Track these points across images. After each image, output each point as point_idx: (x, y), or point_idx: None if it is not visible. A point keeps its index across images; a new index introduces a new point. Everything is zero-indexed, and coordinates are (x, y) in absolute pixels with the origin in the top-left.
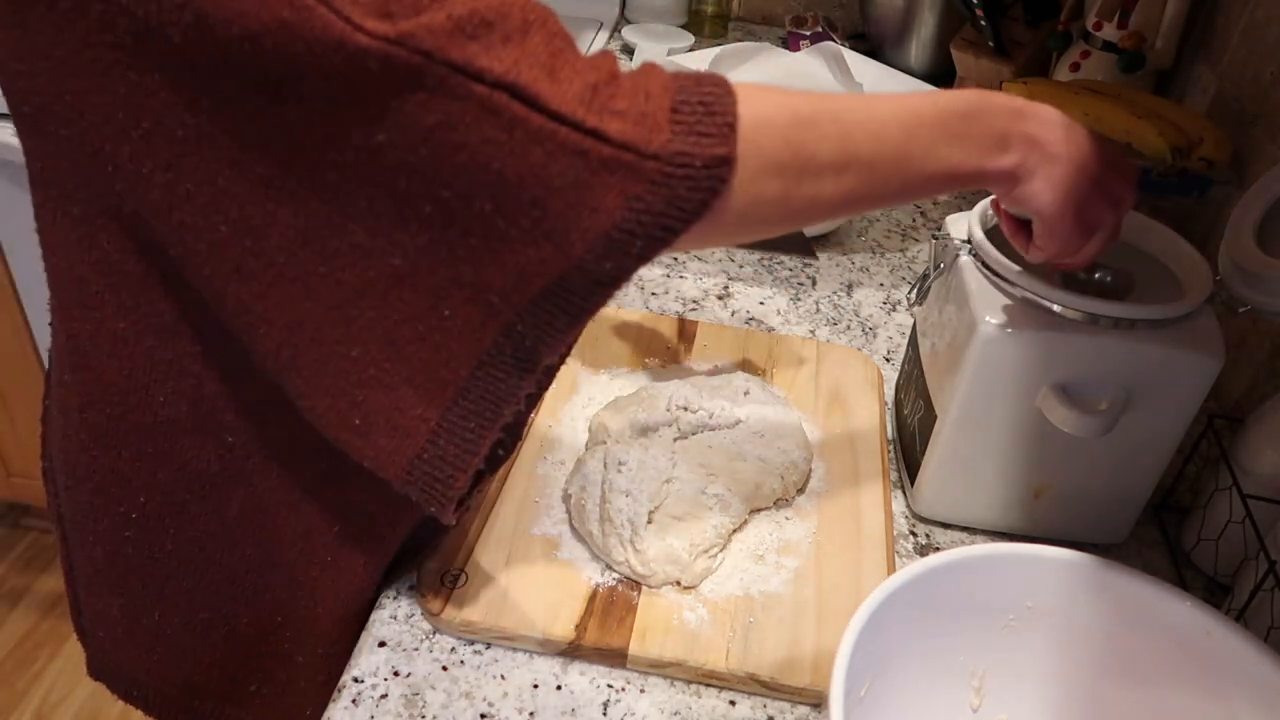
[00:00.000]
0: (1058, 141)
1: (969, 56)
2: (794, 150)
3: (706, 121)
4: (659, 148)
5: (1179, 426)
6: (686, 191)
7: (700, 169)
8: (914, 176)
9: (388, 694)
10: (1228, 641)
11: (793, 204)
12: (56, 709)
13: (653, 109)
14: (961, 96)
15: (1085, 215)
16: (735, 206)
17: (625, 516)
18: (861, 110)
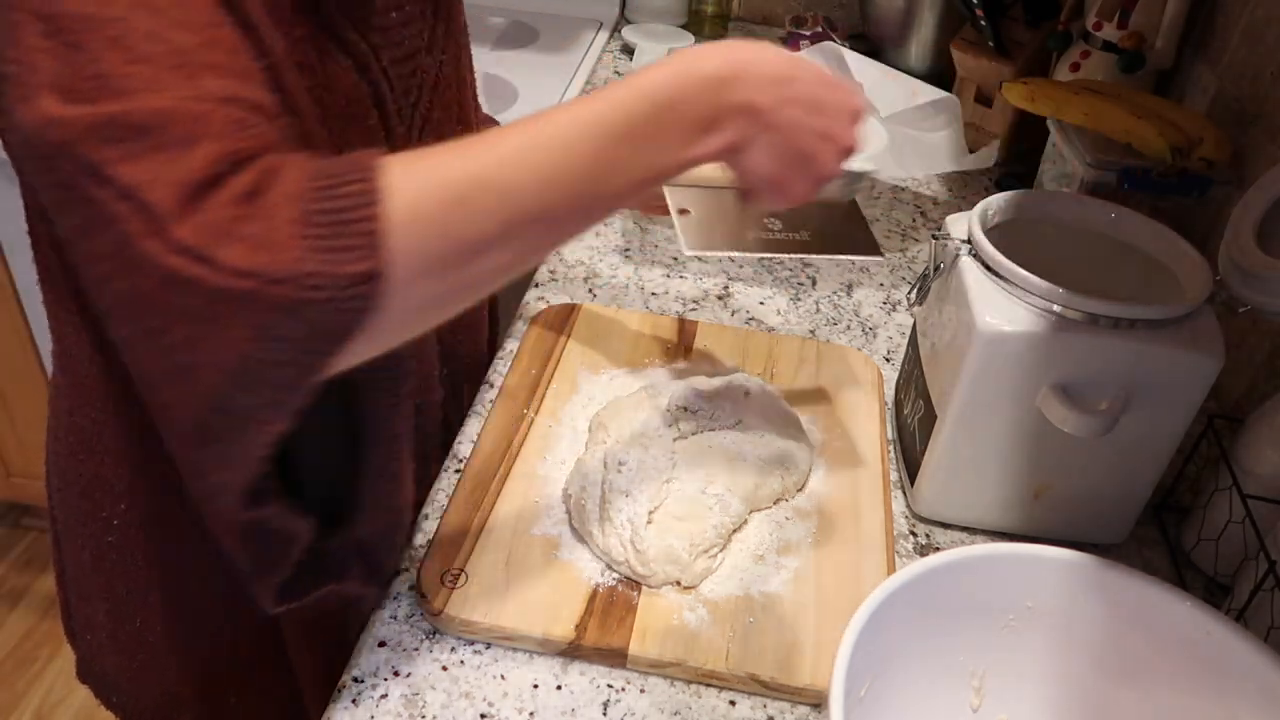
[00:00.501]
0: (773, 104)
1: (969, 56)
2: (453, 238)
3: (343, 233)
4: (286, 270)
5: (1179, 426)
6: (331, 313)
7: (341, 289)
8: (608, 197)
9: (388, 694)
10: (1228, 641)
11: (469, 286)
12: (56, 709)
13: (279, 226)
14: (653, 87)
15: (809, 171)
16: (397, 313)
17: (625, 516)
18: (532, 151)
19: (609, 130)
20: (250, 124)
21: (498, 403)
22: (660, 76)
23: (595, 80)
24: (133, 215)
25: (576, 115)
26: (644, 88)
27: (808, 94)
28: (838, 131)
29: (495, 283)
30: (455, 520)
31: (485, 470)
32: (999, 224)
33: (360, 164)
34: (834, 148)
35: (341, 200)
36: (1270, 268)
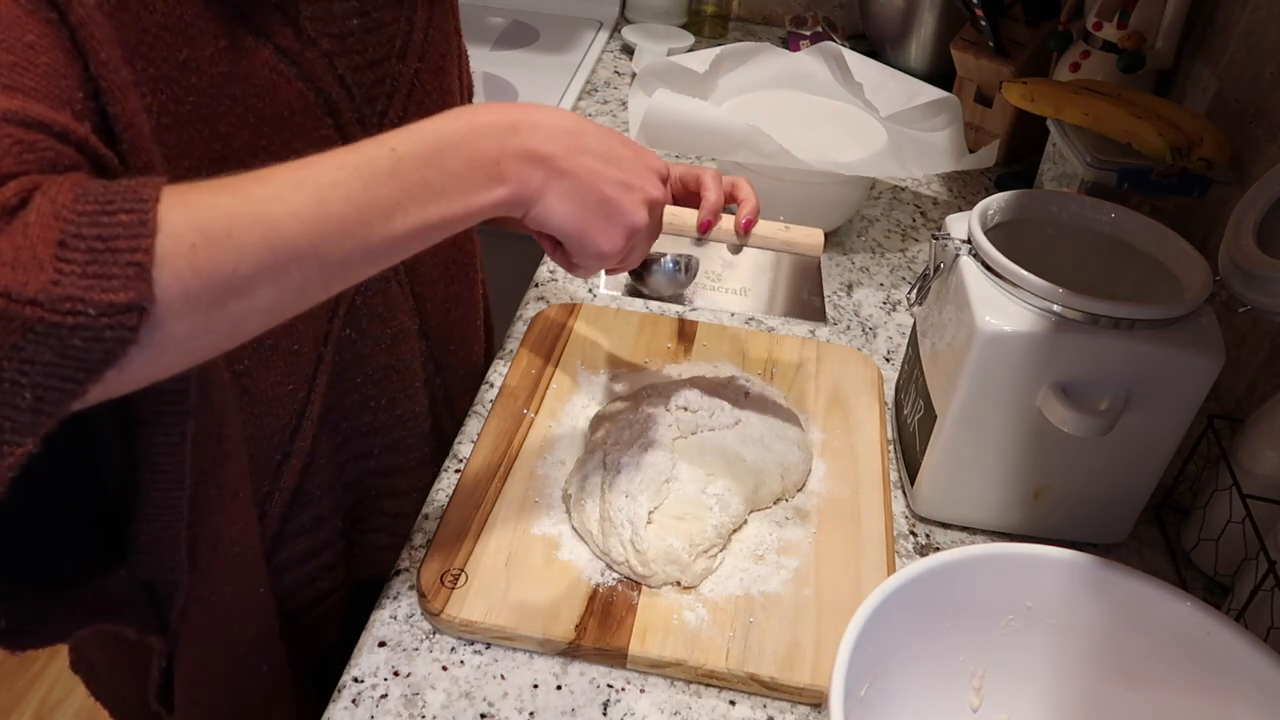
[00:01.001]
0: (562, 151)
1: (969, 56)
2: (210, 275)
3: (105, 260)
4: (37, 292)
5: (1179, 426)
6: (82, 341)
7: (97, 316)
8: (384, 240)
9: (388, 694)
10: (1228, 641)
11: (238, 322)
12: (56, 709)
13: (35, 246)
14: (435, 130)
15: (614, 221)
16: (160, 347)
17: (625, 516)
18: (297, 188)
19: (377, 170)
20: (38, 146)
21: (498, 403)
22: (439, 121)
23: (595, 80)
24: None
25: (348, 156)
26: (420, 130)
27: (598, 145)
28: (637, 181)
29: (268, 321)
30: (455, 520)
31: (485, 470)
32: (999, 224)
33: (135, 192)
34: (637, 196)
35: (108, 227)
36: (1270, 268)
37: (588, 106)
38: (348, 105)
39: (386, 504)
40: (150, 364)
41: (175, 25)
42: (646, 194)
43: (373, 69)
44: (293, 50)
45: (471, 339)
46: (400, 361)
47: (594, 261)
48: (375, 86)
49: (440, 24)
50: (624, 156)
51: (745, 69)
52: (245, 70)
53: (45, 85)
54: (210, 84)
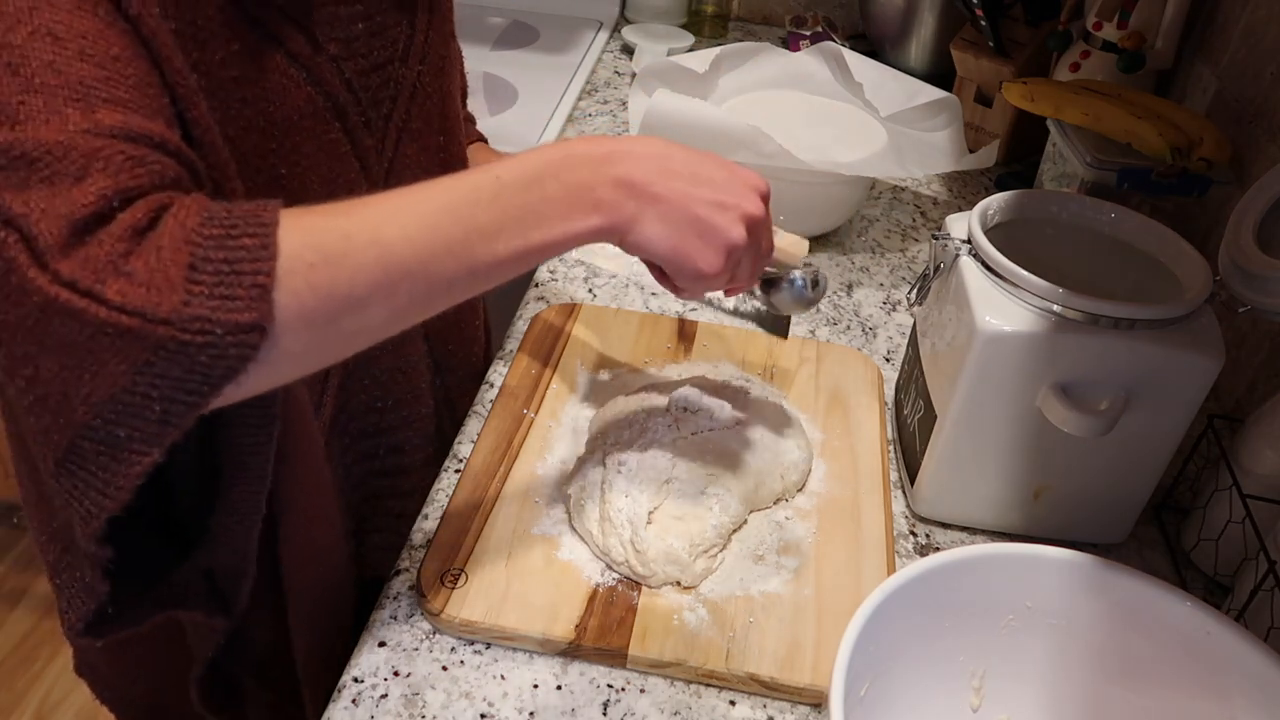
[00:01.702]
0: (655, 177)
1: (969, 56)
2: (327, 294)
3: (231, 282)
4: (169, 312)
5: (1179, 426)
6: (210, 358)
7: (223, 335)
8: (486, 263)
9: (388, 694)
10: (1228, 641)
11: (351, 338)
12: (56, 709)
13: (166, 268)
14: (530, 159)
15: (710, 240)
16: (277, 362)
17: (625, 516)
18: (406, 212)
19: (481, 196)
20: (146, 160)
21: (498, 402)
22: (538, 152)
23: (595, 80)
24: (16, 243)
25: (455, 182)
26: (521, 160)
27: (688, 168)
28: (731, 200)
29: (377, 337)
30: (455, 520)
31: (485, 470)
32: (999, 224)
33: (257, 216)
34: (732, 214)
35: (233, 250)
36: (1270, 268)
37: (588, 106)
38: (354, 109)
39: (391, 504)
40: (266, 377)
41: (188, 30)
42: (742, 210)
43: (377, 72)
44: (303, 55)
45: (471, 339)
46: (407, 363)
47: (696, 283)
48: (380, 90)
49: (439, 27)
50: (716, 176)
51: (745, 69)
52: (255, 74)
53: (139, 97)
54: (220, 87)
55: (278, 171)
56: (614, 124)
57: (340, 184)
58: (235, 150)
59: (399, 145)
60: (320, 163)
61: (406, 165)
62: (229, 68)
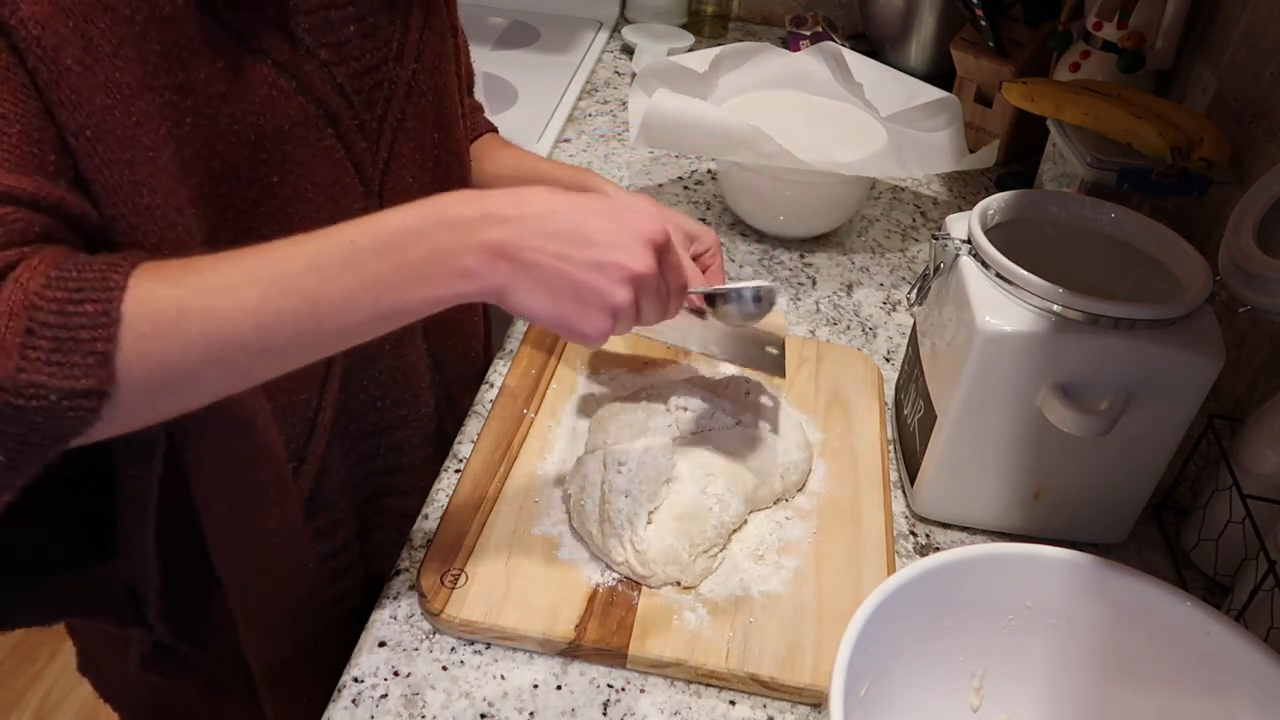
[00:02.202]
0: (527, 240)
1: (969, 56)
2: (158, 363)
3: (69, 349)
4: (3, 378)
5: (1179, 426)
6: (49, 420)
7: (60, 399)
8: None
9: (388, 694)
10: (1228, 641)
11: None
12: (56, 709)
13: (3, 334)
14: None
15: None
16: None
17: (625, 517)
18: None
19: (332, 263)
20: (5, 220)
21: (498, 402)
22: (402, 212)
23: (595, 80)
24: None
25: (305, 246)
26: (380, 222)
27: (568, 225)
28: (612, 259)
29: (219, 396)
30: (455, 520)
31: (485, 470)
32: (999, 224)
33: (104, 280)
34: (612, 274)
35: (74, 316)
36: (1270, 268)
37: (588, 106)
38: (347, 113)
39: (391, 502)
40: (109, 430)
41: (172, 51)
42: (625, 270)
43: (370, 74)
44: (290, 64)
45: (470, 336)
46: (405, 363)
47: (586, 342)
48: (373, 91)
49: (435, 23)
50: (597, 233)
51: (745, 69)
52: (241, 88)
53: (15, 154)
54: (206, 104)
55: (270, 180)
56: (614, 124)
57: (335, 188)
58: (225, 164)
59: (394, 145)
60: (314, 169)
61: (403, 165)
62: (214, 84)
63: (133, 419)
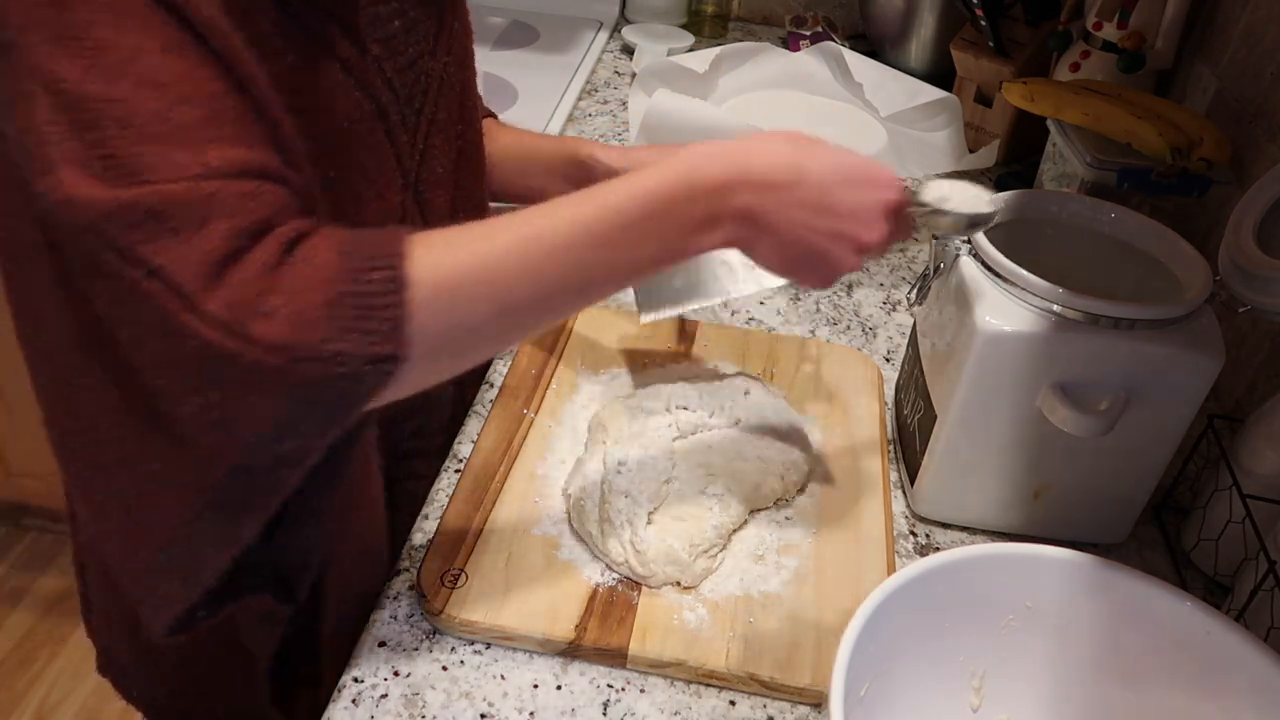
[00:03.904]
0: (774, 209)
1: (969, 56)
2: (447, 324)
3: (370, 319)
4: (312, 350)
5: (1179, 426)
6: (351, 384)
7: (363, 364)
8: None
9: (388, 694)
10: (1228, 641)
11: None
12: (56, 709)
13: (308, 307)
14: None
15: (821, 270)
16: (409, 381)
17: (625, 517)
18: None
19: (603, 232)
20: (258, 193)
21: (498, 402)
22: (655, 180)
23: (595, 80)
24: (164, 292)
25: (575, 215)
26: (637, 192)
27: (813, 198)
28: (852, 230)
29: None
30: (455, 520)
31: (485, 470)
32: (999, 224)
33: (388, 248)
34: (848, 245)
35: (370, 285)
36: (1270, 268)
37: (588, 106)
38: (394, 109)
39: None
40: (402, 391)
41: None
42: (859, 241)
43: (411, 69)
44: (352, 60)
45: None
46: None
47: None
48: (414, 86)
49: (461, 15)
50: (839, 203)
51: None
52: (311, 85)
53: (240, 130)
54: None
55: (327, 175)
56: (614, 124)
57: (380, 181)
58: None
59: (428, 139)
60: (364, 163)
61: (435, 157)
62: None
63: (417, 381)
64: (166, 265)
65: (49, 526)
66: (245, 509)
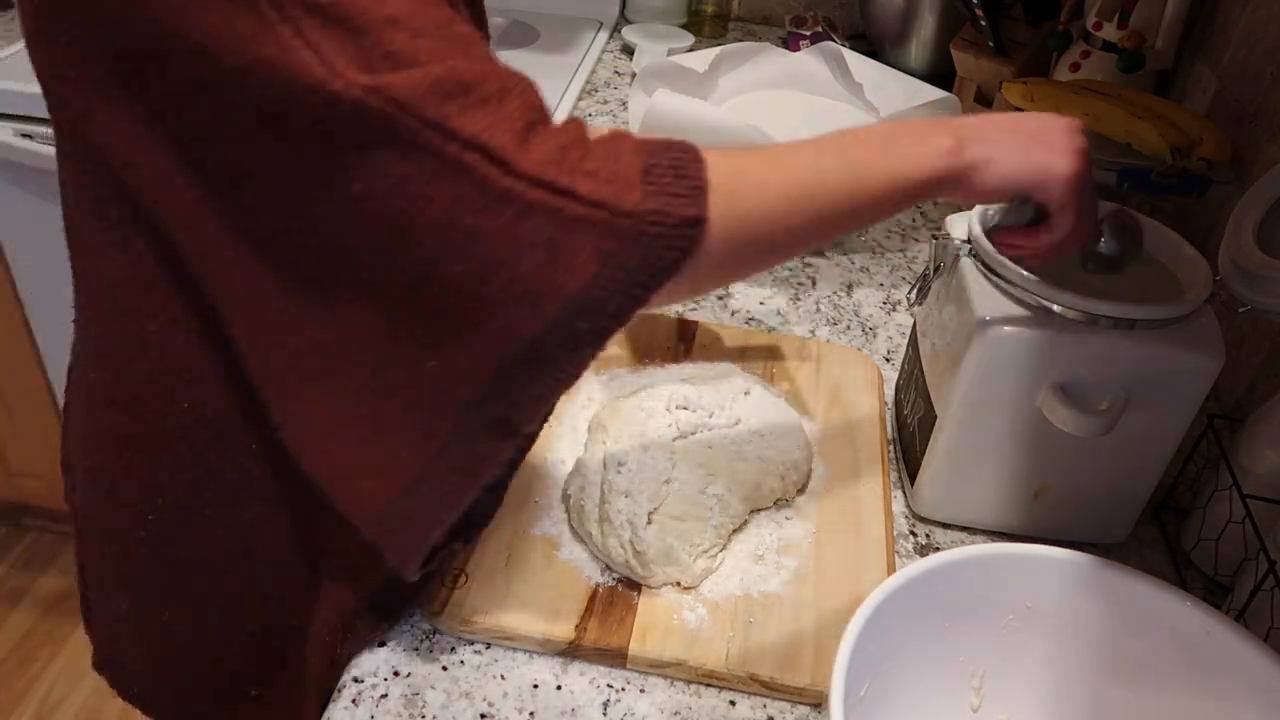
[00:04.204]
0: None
1: (969, 56)
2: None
3: (677, 184)
4: (632, 206)
5: (1179, 426)
6: (661, 249)
7: (673, 228)
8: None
9: (388, 694)
10: (1228, 641)
11: (756, 252)
12: (56, 709)
13: (624, 169)
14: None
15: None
16: (706, 262)
17: (625, 517)
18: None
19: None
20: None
21: None
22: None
23: (595, 80)
24: (483, 161)
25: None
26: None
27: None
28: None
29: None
30: None
31: None
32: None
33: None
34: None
35: (674, 158)
36: (1270, 268)
37: (588, 106)
38: None
39: None
40: (698, 279)
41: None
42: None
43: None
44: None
45: None
46: None
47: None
48: None
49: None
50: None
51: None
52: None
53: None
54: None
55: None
56: (614, 124)
57: None
58: None
59: None
60: None
61: None
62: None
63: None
64: (483, 133)
65: (49, 526)
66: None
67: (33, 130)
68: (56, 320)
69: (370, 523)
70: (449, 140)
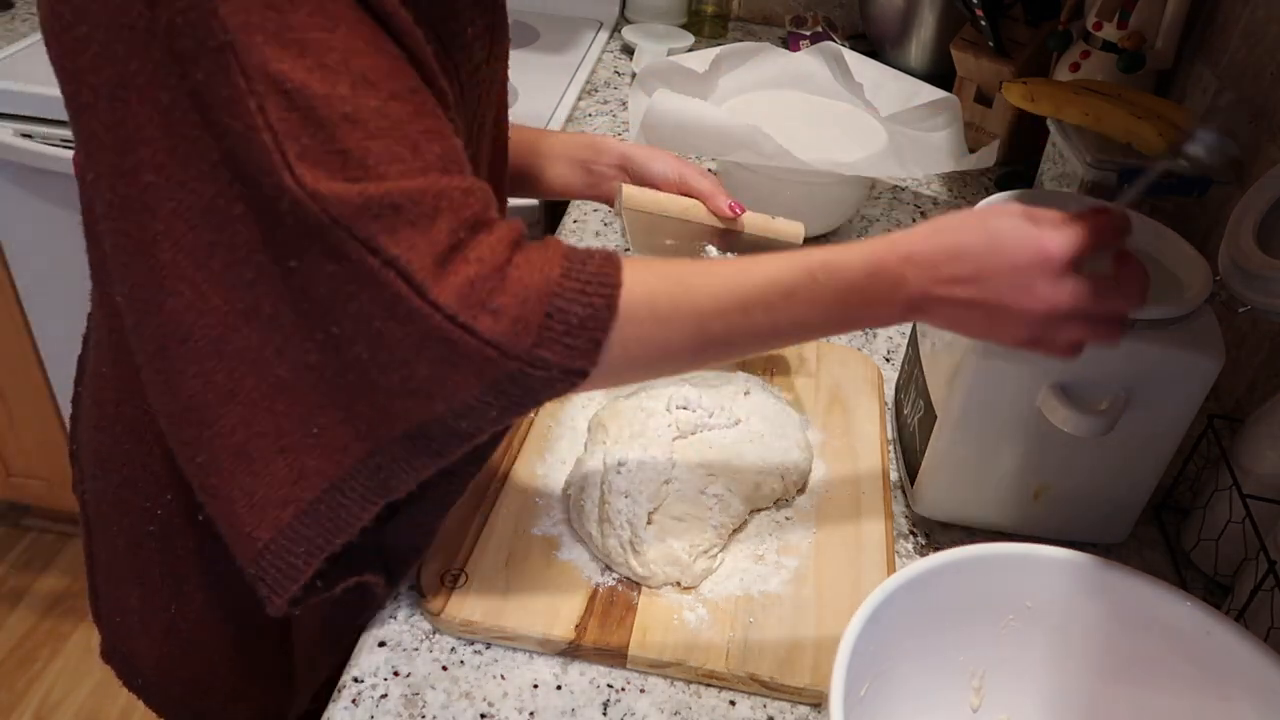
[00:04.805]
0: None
1: (969, 56)
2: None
3: (576, 334)
4: (522, 351)
5: (1179, 426)
6: (541, 387)
7: (560, 374)
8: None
9: (388, 694)
10: (1228, 641)
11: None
12: (56, 709)
13: (528, 312)
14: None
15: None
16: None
17: (625, 518)
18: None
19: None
20: (473, 189)
21: None
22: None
23: (595, 80)
24: (398, 280)
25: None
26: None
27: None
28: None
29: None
30: (455, 520)
31: (485, 470)
32: None
33: (607, 276)
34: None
35: (585, 307)
36: (1270, 268)
37: (588, 106)
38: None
39: None
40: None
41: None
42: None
43: (475, 73)
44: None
45: None
46: None
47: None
48: (475, 89)
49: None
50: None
51: (745, 69)
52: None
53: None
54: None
55: None
56: (614, 124)
57: None
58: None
59: (479, 143)
60: None
61: (481, 158)
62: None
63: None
64: (402, 255)
65: (49, 526)
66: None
67: (33, 130)
68: (57, 320)
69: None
70: (371, 255)
